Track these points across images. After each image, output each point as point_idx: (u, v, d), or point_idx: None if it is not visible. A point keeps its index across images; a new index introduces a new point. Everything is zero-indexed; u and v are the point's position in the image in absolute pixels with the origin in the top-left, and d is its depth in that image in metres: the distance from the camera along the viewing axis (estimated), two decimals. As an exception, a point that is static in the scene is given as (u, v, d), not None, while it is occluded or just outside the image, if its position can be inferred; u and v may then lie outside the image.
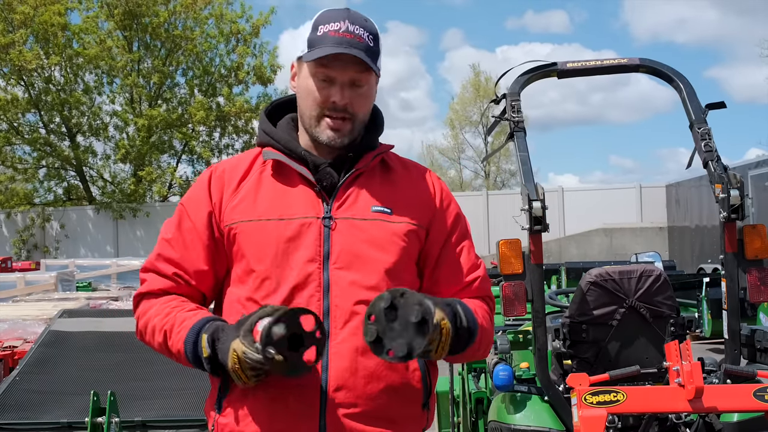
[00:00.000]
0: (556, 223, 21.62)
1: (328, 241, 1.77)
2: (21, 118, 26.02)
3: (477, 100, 38.89)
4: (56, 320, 4.47)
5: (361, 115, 1.84)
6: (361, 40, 1.78)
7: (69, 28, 25.12)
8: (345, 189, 1.83)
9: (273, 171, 1.85)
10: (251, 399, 1.74)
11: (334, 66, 1.77)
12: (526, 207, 3.27)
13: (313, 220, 1.78)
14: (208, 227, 1.85)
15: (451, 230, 1.92)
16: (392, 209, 1.83)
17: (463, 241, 1.94)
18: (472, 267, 1.93)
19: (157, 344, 1.82)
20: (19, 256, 24.18)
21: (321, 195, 1.81)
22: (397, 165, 1.94)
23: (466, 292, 1.90)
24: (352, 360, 1.72)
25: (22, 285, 10.03)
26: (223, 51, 26.76)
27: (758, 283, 3.25)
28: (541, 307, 3.31)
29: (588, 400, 2.59)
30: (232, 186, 1.85)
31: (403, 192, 1.88)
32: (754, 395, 2.59)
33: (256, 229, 1.79)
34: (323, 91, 1.79)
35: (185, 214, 1.88)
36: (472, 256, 1.94)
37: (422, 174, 1.96)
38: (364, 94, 1.83)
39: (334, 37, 1.76)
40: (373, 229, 1.80)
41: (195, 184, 1.93)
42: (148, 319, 1.84)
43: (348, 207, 1.81)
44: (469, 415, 4.66)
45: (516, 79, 3.71)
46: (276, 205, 1.80)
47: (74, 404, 3.49)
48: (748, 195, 13.48)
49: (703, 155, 3.41)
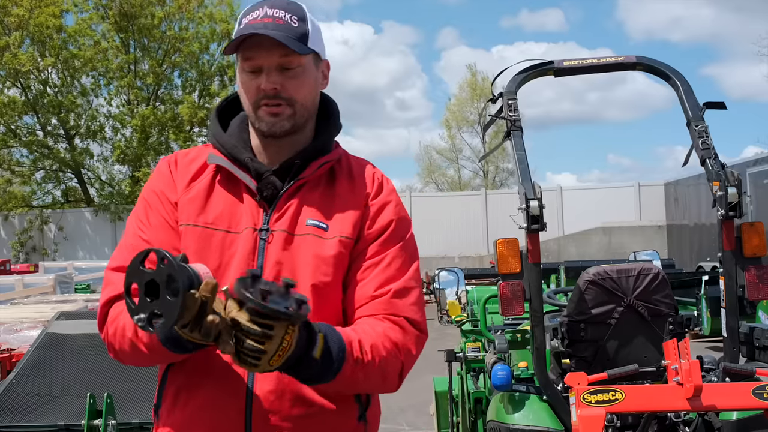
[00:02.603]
0: (554, 222, 21.63)
1: (262, 254, 1.67)
2: (18, 120, 26.00)
3: (474, 100, 38.92)
4: (53, 323, 4.46)
5: (300, 99, 1.72)
6: (281, 21, 1.68)
7: (65, 30, 25.13)
8: (286, 200, 1.72)
9: (222, 177, 1.77)
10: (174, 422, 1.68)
11: (257, 53, 1.68)
12: (523, 206, 3.26)
13: (249, 232, 1.69)
14: (174, 212, 1.74)
15: (377, 234, 1.74)
16: (328, 223, 1.72)
17: (388, 248, 1.73)
18: (389, 279, 1.70)
19: (128, 343, 1.62)
20: (17, 258, 24.18)
21: (261, 205, 1.72)
22: (344, 171, 1.82)
23: (371, 308, 1.68)
24: (278, 382, 1.62)
25: (20, 287, 10.02)
26: (216, 51, 26.75)
27: (756, 280, 3.25)
28: (539, 306, 3.30)
29: (586, 399, 2.58)
30: (184, 182, 1.77)
31: (343, 203, 1.76)
32: (753, 393, 2.58)
33: (203, 236, 1.69)
34: (253, 83, 1.70)
35: (149, 207, 1.76)
36: (392, 268, 1.72)
37: (367, 177, 1.82)
38: (297, 77, 1.71)
39: (252, 24, 1.68)
40: (304, 245, 1.69)
41: (153, 175, 1.83)
42: (118, 321, 1.64)
43: (286, 219, 1.70)
44: (468, 415, 4.66)
45: (513, 77, 3.70)
46: (225, 215, 1.72)
47: (71, 407, 3.48)
48: (746, 192, 13.51)
49: (701, 153, 3.41)
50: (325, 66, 1.82)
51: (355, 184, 1.80)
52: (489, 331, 4.29)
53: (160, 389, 1.74)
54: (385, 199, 1.80)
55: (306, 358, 1.45)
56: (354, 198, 1.77)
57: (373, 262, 1.72)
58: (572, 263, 9.83)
